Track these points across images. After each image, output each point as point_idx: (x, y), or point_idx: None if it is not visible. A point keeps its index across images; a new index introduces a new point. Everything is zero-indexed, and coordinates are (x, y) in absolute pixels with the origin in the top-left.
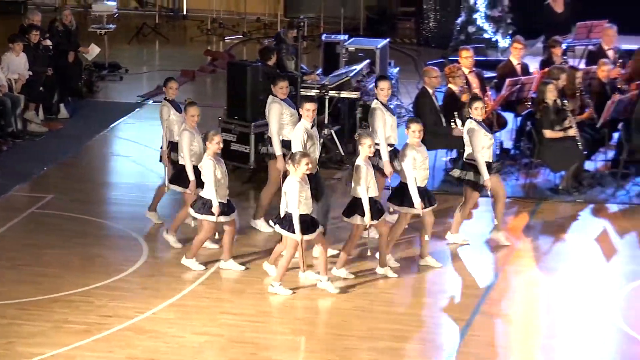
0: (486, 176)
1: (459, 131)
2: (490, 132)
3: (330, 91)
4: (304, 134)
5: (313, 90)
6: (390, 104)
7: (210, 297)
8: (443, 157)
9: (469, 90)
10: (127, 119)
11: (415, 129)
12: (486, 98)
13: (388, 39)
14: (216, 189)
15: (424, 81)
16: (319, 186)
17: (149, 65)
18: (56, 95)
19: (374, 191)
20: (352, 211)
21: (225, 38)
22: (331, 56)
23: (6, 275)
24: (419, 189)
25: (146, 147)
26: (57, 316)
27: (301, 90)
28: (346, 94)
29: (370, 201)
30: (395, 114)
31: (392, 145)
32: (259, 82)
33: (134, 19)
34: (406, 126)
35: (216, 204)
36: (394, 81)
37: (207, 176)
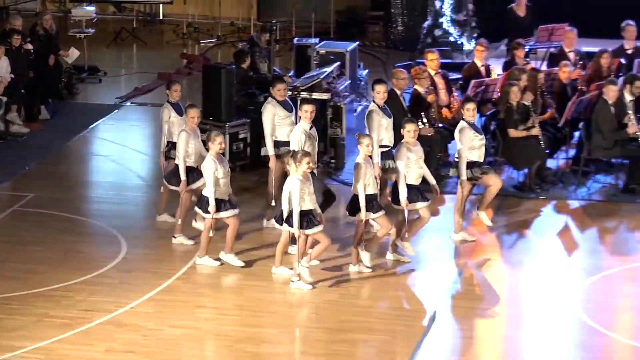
0: (464, 175)
1: (426, 130)
2: (481, 134)
3: (302, 92)
4: (303, 135)
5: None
6: (360, 105)
7: (187, 291)
8: None
9: (434, 92)
10: (106, 120)
11: (411, 129)
12: (452, 99)
13: (357, 42)
14: (216, 188)
15: (392, 83)
16: (315, 184)
17: (127, 68)
18: (37, 97)
19: (372, 188)
20: (353, 208)
21: (201, 42)
22: (303, 59)
23: None
24: (413, 186)
25: (125, 147)
26: (39, 310)
27: None
28: (317, 95)
29: (369, 197)
30: (391, 116)
31: (388, 146)
32: (233, 84)
33: (112, 24)
34: (402, 126)
35: (212, 202)
36: (363, 83)
37: (208, 176)
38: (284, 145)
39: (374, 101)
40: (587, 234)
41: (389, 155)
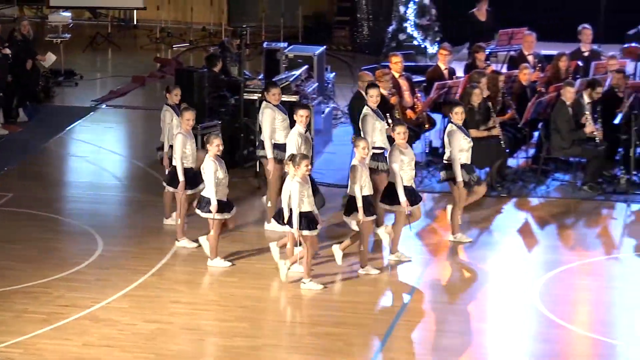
0: (459, 177)
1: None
2: (469, 136)
3: None
4: (299, 138)
5: (256, 94)
6: (327, 107)
7: (162, 287)
8: None
9: (398, 93)
10: (82, 122)
11: (400, 131)
12: (416, 100)
13: (325, 46)
14: (217, 189)
15: (358, 85)
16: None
17: (102, 72)
18: (15, 100)
19: (368, 190)
20: (350, 209)
21: (173, 46)
22: (272, 62)
23: None
24: (406, 187)
25: (100, 148)
26: (18, 306)
27: (244, 94)
28: (286, 97)
29: (366, 199)
30: (384, 119)
31: (382, 148)
32: (205, 87)
33: (87, 29)
34: (392, 129)
35: (214, 202)
36: (330, 85)
37: (208, 177)
38: (282, 148)
39: (367, 105)
40: (547, 230)
41: (382, 157)
